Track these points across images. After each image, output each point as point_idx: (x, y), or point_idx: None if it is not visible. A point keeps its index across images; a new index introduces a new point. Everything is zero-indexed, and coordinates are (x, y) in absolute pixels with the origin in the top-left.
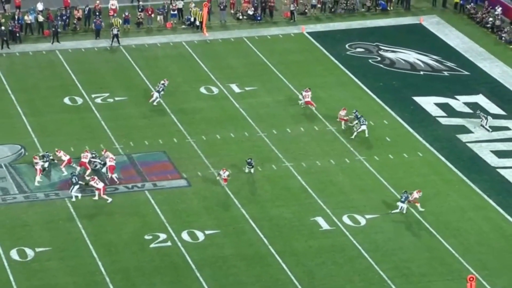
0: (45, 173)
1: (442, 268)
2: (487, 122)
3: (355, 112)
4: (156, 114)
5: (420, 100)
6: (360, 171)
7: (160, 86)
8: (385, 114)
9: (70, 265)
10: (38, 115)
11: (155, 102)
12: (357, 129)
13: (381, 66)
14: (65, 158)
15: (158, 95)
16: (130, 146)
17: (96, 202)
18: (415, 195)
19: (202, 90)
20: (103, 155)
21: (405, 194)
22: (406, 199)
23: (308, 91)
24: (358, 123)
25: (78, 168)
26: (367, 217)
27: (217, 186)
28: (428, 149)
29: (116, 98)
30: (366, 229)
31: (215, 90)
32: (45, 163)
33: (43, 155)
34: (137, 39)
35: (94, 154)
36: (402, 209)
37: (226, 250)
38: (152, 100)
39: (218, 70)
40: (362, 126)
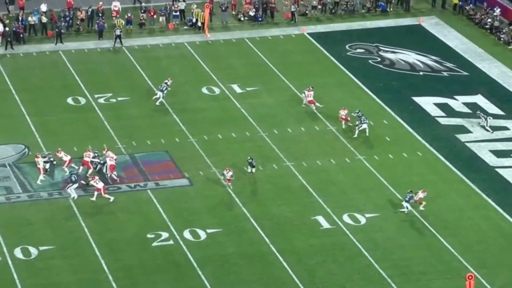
0: (48, 172)
1: (441, 266)
2: (488, 122)
3: (358, 112)
4: (158, 114)
5: (419, 100)
6: (360, 171)
7: (163, 86)
8: (385, 114)
9: (74, 263)
10: (42, 115)
11: (158, 102)
12: (358, 127)
13: (381, 66)
14: (66, 159)
15: (162, 94)
16: (133, 145)
17: (98, 201)
18: (420, 195)
19: (204, 90)
20: (104, 154)
21: (410, 193)
22: (410, 199)
23: (310, 90)
24: (359, 122)
25: (81, 167)
26: (367, 216)
27: (218, 185)
28: (427, 148)
29: (118, 98)
30: (366, 228)
31: (217, 91)
32: (46, 164)
33: (44, 156)
34: (139, 40)
35: (95, 154)
36: (407, 208)
37: (227, 249)
38: (155, 97)
39: (219, 71)
40: (363, 125)
